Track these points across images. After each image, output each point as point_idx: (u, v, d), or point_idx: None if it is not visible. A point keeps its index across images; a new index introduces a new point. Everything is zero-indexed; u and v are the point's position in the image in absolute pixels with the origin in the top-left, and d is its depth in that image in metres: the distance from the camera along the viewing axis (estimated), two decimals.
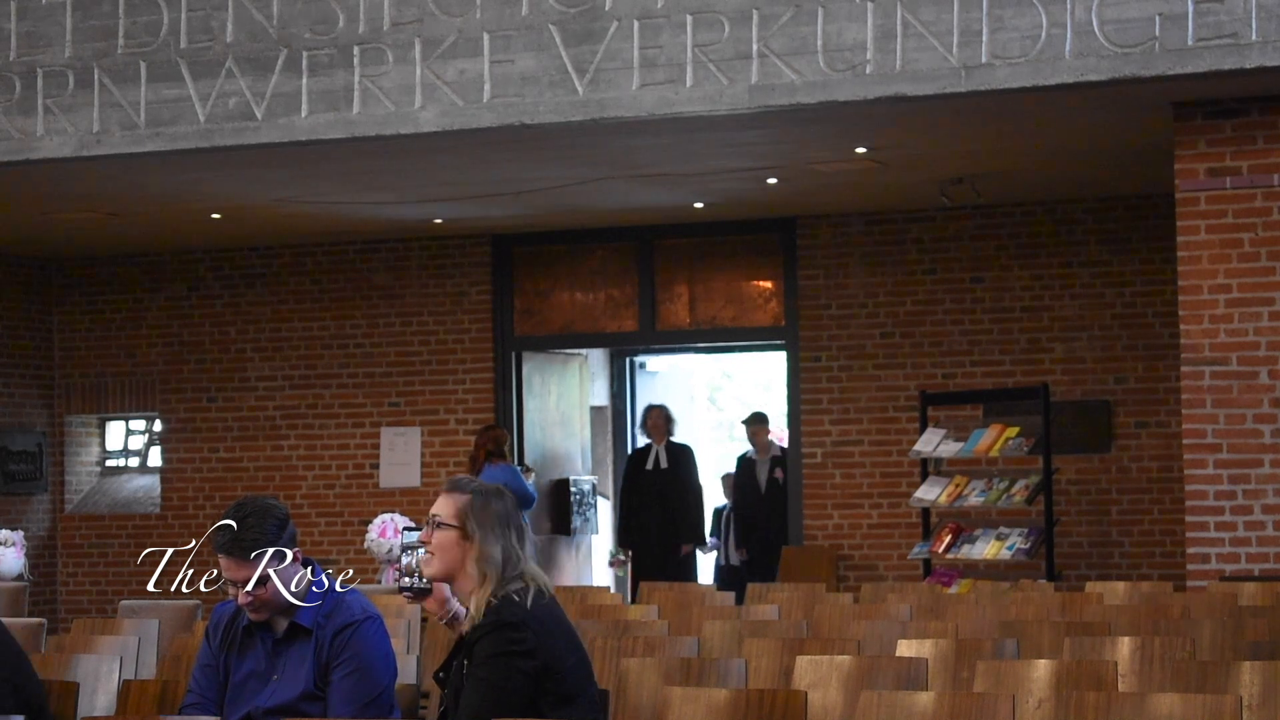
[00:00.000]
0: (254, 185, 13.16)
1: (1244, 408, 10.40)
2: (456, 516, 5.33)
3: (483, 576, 5.28)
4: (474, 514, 5.32)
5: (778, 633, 7.99)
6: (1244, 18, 9.60)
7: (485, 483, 5.48)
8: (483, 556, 5.28)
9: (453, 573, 5.34)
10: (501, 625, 5.20)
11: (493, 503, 5.37)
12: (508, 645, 5.17)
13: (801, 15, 10.30)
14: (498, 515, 5.35)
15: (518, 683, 5.17)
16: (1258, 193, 10.41)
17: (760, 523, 15.40)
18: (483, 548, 5.29)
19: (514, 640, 5.18)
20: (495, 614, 5.22)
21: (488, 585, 5.27)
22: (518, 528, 5.37)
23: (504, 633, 5.19)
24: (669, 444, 15.55)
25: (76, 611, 16.34)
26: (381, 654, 5.53)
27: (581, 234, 15.67)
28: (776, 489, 15.38)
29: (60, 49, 11.60)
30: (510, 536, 5.33)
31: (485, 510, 5.34)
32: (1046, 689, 6.06)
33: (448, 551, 5.33)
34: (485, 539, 5.30)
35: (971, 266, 14.70)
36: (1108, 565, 14.13)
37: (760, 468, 15.56)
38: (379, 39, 11.04)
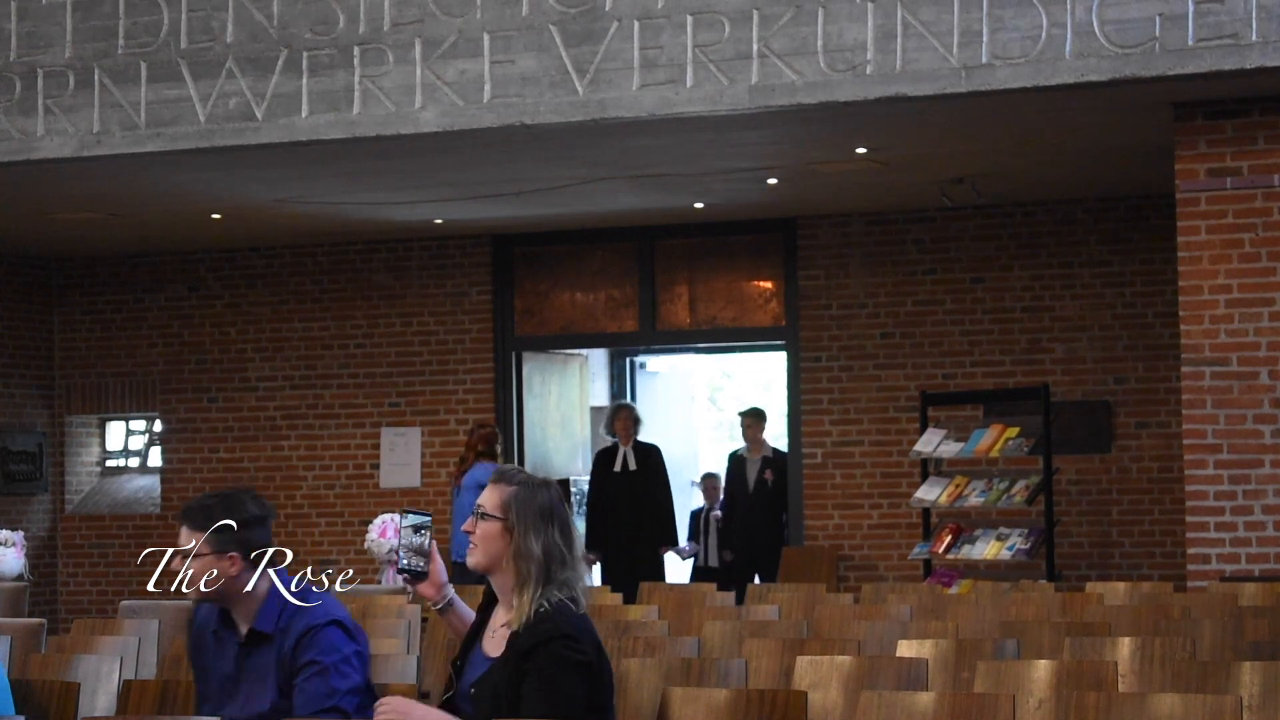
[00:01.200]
0: (254, 185, 13.17)
1: (1244, 408, 10.40)
2: (501, 508, 5.24)
3: (523, 574, 5.18)
4: (517, 506, 5.22)
5: (778, 633, 7.99)
6: (1244, 18, 9.60)
7: (533, 475, 5.36)
8: (521, 552, 5.19)
9: (495, 565, 5.25)
10: (562, 636, 5.11)
11: (538, 496, 5.26)
12: (572, 655, 5.09)
13: (802, 15, 10.30)
14: (541, 510, 5.24)
15: (580, 692, 5.10)
16: (1258, 193, 10.41)
17: (747, 523, 15.20)
18: (522, 542, 5.19)
19: (576, 650, 5.10)
20: (552, 622, 5.12)
21: (531, 585, 5.17)
22: (562, 523, 5.25)
23: (565, 643, 5.10)
24: (636, 444, 15.18)
25: (77, 612, 16.35)
26: (343, 656, 5.39)
27: (582, 234, 15.67)
28: (764, 490, 15.19)
29: (61, 49, 11.60)
30: (553, 533, 5.22)
31: (529, 503, 5.23)
32: (1047, 689, 6.06)
33: (491, 543, 5.23)
34: (525, 534, 5.20)
35: (972, 267, 14.70)
36: (1108, 565, 14.13)
37: (750, 467, 15.32)
38: (379, 39, 11.05)
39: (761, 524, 15.04)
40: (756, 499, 15.17)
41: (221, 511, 5.46)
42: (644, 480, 15.04)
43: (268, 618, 5.45)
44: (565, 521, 5.28)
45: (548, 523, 5.23)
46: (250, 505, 5.53)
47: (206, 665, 5.59)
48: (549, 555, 5.20)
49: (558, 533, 5.24)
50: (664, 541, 15.08)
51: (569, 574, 5.23)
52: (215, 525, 5.42)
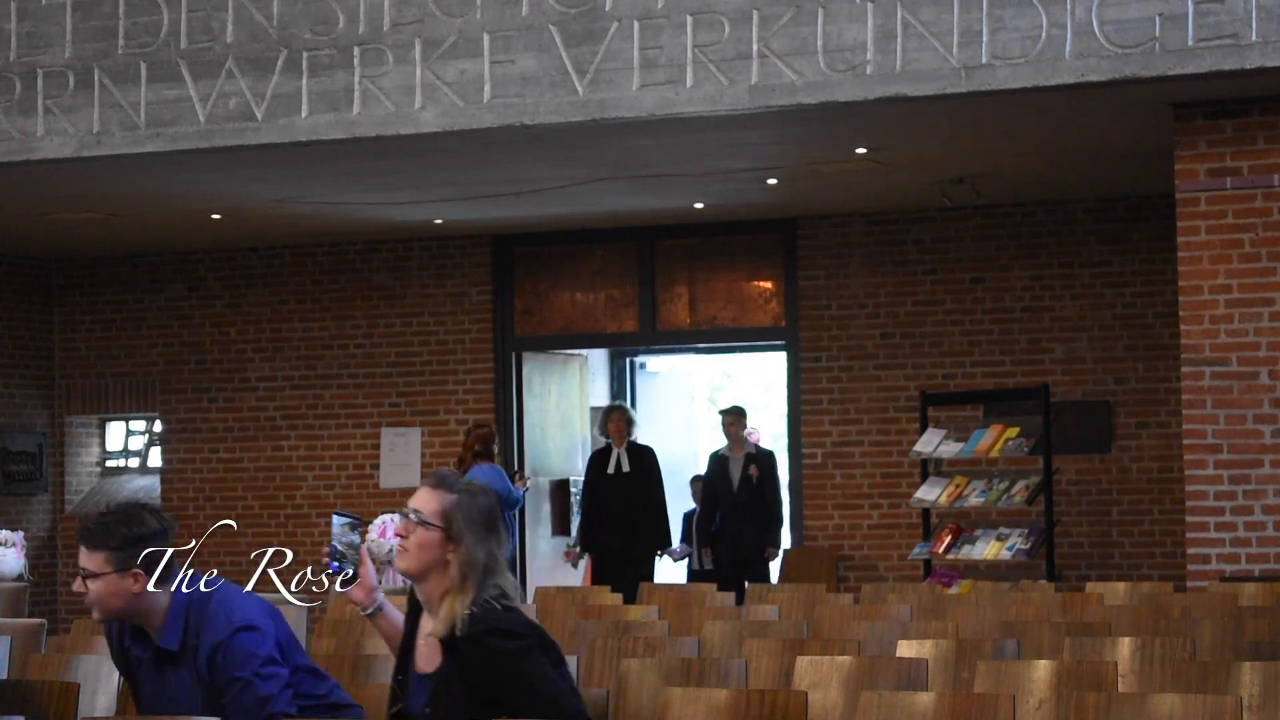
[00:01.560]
0: (254, 186, 13.16)
1: (1244, 408, 10.40)
2: (441, 517, 5.14)
3: (463, 580, 5.09)
4: (461, 516, 5.13)
5: (778, 633, 7.99)
6: (1244, 18, 9.60)
7: (472, 481, 5.28)
8: (467, 561, 5.09)
9: (426, 572, 5.14)
10: (497, 632, 5.05)
11: (480, 503, 5.18)
12: (517, 647, 5.05)
13: (802, 15, 10.30)
14: (484, 517, 5.16)
15: (549, 673, 5.06)
16: (1258, 193, 10.41)
17: (732, 523, 14.99)
18: (468, 552, 5.09)
19: (518, 639, 5.05)
20: (483, 623, 5.05)
21: (469, 591, 5.08)
22: (498, 531, 5.18)
23: (501, 640, 5.04)
24: (630, 446, 15.01)
25: (77, 612, 16.33)
26: (262, 660, 5.24)
27: (582, 234, 15.67)
28: (750, 487, 15.03)
29: (60, 49, 11.59)
30: (492, 541, 5.14)
31: (472, 512, 5.15)
32: (1047, 689, 6.06)
33: (427, 551, 5.13)
34: (471, 543, 5.10)
35: (972, 267, 14.70)
36: (1108, 565, 14.13)
37: (734, 465, 15.12)
38: (379, 39, 11.04)
39: (749, 521, 14.90)
40: (742, 496, 15.01)
41: (121, 528, 5.29)
42: (638, 482, 14.89)
43: (172, 633, 5.30)
44: (500, 530, 5.21)
45: (489, 531, 5.16)
46: (149, 519, 5.34)
47: (134, 683, 5.50)
48: (489, 564, 5.12)
49: (495, 541, 5.16)
50: (657, 544, 14.94)
51: (499, 579, 5.15)
52: (115, 543, 5.26)
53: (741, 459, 15.09)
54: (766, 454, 15.39)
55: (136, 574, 5.27)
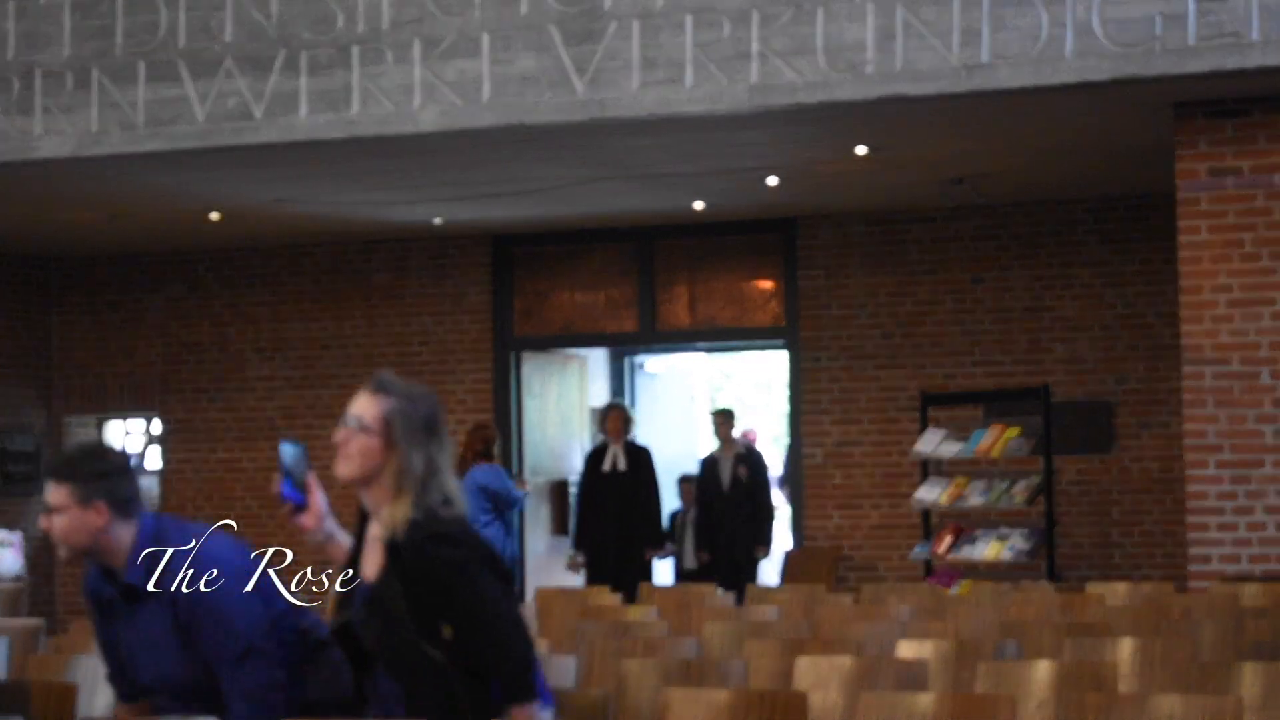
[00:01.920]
0: (253, 185, 13.15)
1: (1245, 408, 10.39)
2: (380, 422, 5.03)
3: (398, 488, 5.00)
4: (399, 420, 5.01)
5: (778, 633, 7.98)
6: (1245, 18, 9.59)
7: (414, 385, 5.15)
8: (403, 468, 4.99)
9: (369, 478, 5.06)
10: (437, 537, 4.93)
11: (420, 408, 5.06)
12: (456, 555, 4.92)
13: (802, 15, 10.28)
14: (424, 422, 5.03)
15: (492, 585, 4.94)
16: (1259, 193, 10.40)
17: (724, 523, 14.83)
18: (405, 457, 4.99)
19: (458, 546, 4.93)
20: (423, 529, 4.94)
21: (405, 497, 4.98)
22: (440, 436, 5.06)
23: (440, 546, 4.92)
24: (627, 445, 14.79)
25: (75, 612, 16.32)
26: (235, 600, 5.24)
27: (581, 234, 15.66)
28: (740, 487, 14.89)
29: (59, 49, 11.58)
30: (433, 446, 5.02)
31: (412, 417, 5.03)
32: (1047, 690, 6.05)
33: (368, 458, 5.04)
34: (410, 447, 4.99)
35: (972, 267, 14.69)
36: (1109, 566, 14.11)
37: (724, 465, 14.98)
38: (378, 39, 11.03)
39: (740, 521, 14.78)
40: (733, 496, 14.89)
41: (84, 463, 5.33)
42: (633, 481, 14.73)
43: (136, 569, 5.30)
44: (443, 436, 5.09)
45: (430, 436, 5.04)
46: (113, 455, 5.42)
47: (110, 634, 5.45)
48: (429, 468, 5.01)
49: (436, 446, 5.04)
50: (651, 542, 14.81)
51: (442, 479, 5.02)
52: (78, 477, 5.29)
53: (731, 459, 14.99)
54: (757, 454, 15.34)
55: (99, 507, 5.28)
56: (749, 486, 14.92)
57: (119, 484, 5.33)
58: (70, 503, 5.28)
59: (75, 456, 5.37)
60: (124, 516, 5.32)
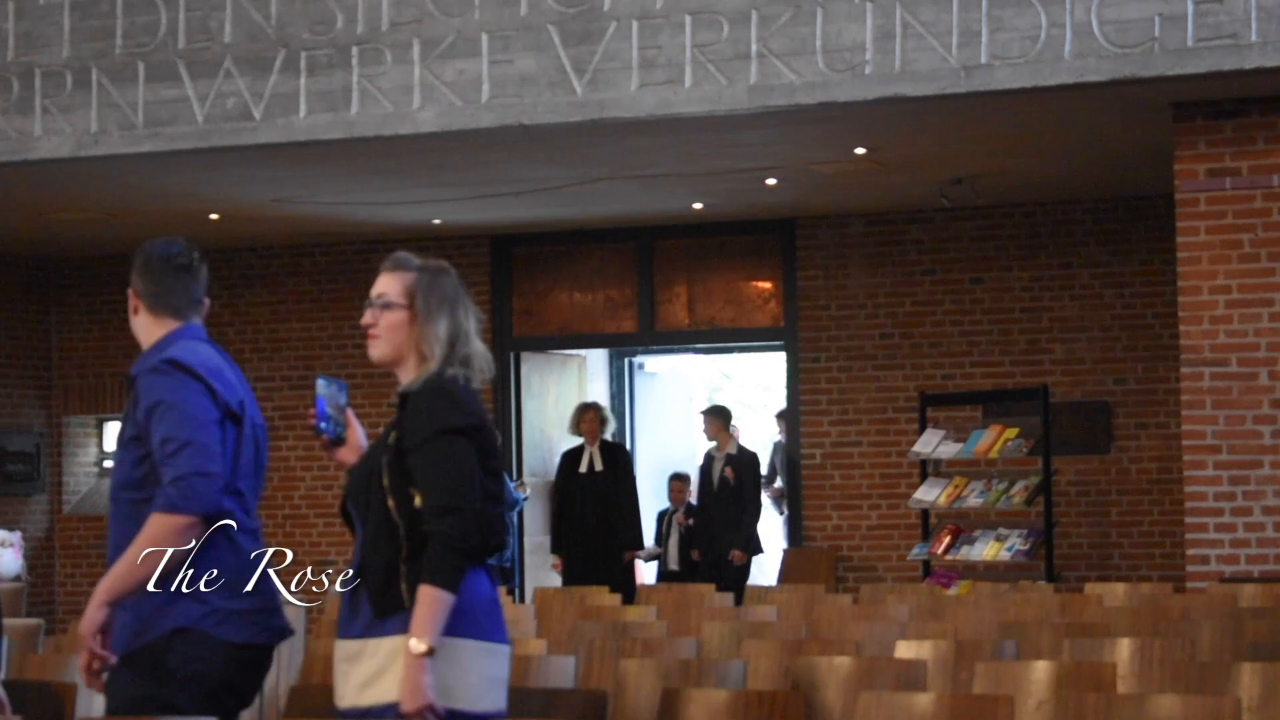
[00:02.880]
0: (252, 186, 13.15)
1: (1244, 409, 10.39)
2: (405, 294, 5.03)
3: (427, 356, 4.97)
4: (422, 291, 5.03)
5: (777, 634, 7.98)
6: (1244, 18, 9.59)
7: (428, 259, 5.19)
8: (428, 335, 4.97)
9: (401, 356, 5.02)
10: (440, 393, 4.88)
11: (441, 279, 5.09)
12: (448, 418, 4.85)
13: (801, 15, 10.29)
14: (446, 292, 5.06)
15: (463, 452, 4.84)
16: (1258, 193, 10.40)
17: (710, 523, 14.68)
18: (429, 326, 4.98)
19: (454, 411, 4.86)
20: (432, 383, 4.91)
21: (429, 365, 4.96)
22: (464, 303, 5.07)
23: (437, 402, 4.88)
24: (603, 444, 14.63)
25: (74, 612, 16.33)
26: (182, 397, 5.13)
27: (580, 235, 15.66)
28: (726, 488, 14.67)
29: (58, 49, 11.58)
30: (458, 312, 5.03)
31: (433, 287, 5.06)
32: (1046, 690, 6.05)
33: (396, 332, 5.02)
34: (432, 317, 4.99)
35: (971, 267, 14.69)
36: (1107, 566, 14.12)
37: (715, 465, 14.83)
38: (377, 39, 11.03)
39: (724, 523, 14.59)
40: (719, 497, 14.70)
41: (142, 251, 5.46)
42: (611, 481, 14.52)
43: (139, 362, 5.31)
44: (467, 304, 5.09)
45: (453, 304, 5.04)
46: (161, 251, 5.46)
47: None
48: (454, 337, 4.99)
49: (462, 313, 5.04)
50: (629, 545, 14.57)
51: (469, 352, 5.00)
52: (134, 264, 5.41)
53: (722, 459, 14.82)
54: (748, 455, 15.12)
55: (131, 294, 5.43)
56: (735, 489, 14.73)
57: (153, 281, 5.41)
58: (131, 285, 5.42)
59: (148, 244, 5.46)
60: (154, 314, 5.41)
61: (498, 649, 4.85)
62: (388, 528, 4.86)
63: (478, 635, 4.80)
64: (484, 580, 4.87)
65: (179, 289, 5.47)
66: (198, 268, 5.53)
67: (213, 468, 5.06)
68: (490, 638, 4.83)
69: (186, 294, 5.49)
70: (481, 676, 4.81)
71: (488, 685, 4.82)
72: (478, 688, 4.80)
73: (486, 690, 4.82)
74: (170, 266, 5.46)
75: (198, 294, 5.53)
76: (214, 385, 5.23)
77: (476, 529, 4.77)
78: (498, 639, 4.86)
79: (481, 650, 4.80)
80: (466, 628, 4.78)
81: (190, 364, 5.24)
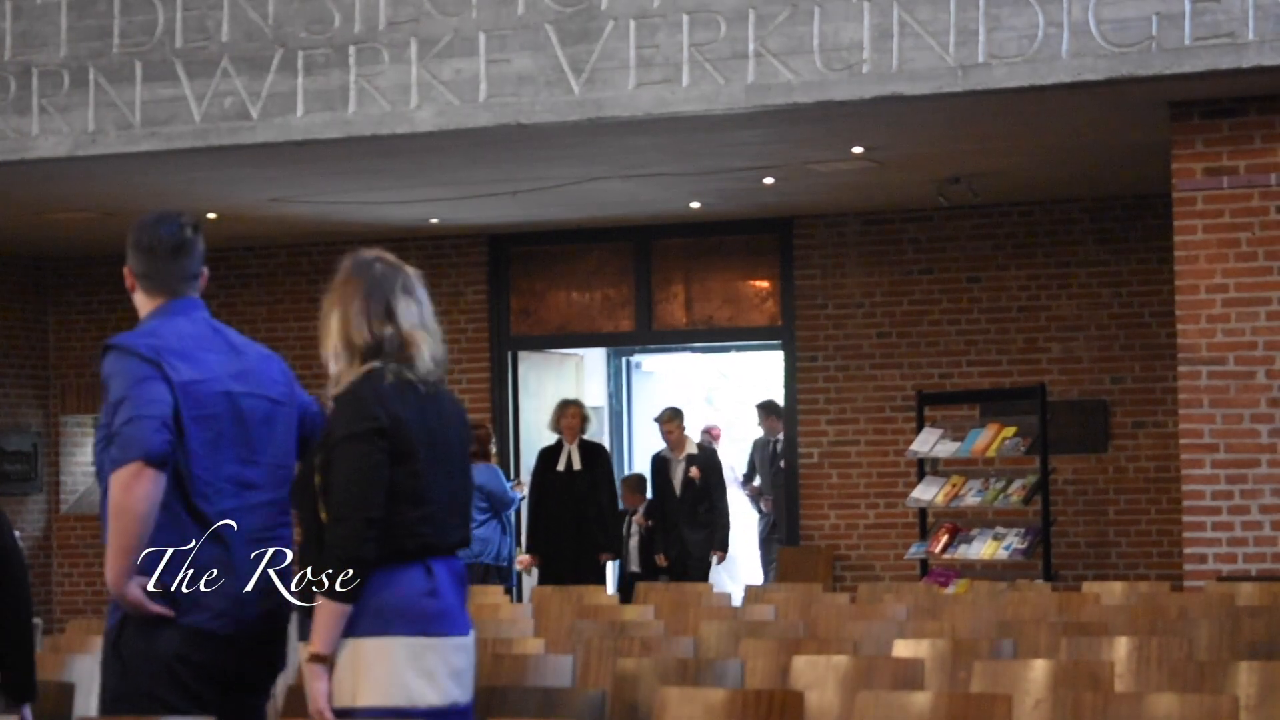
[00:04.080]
0: (249, 185, 13.15)
1: (1241, 407, 10.39)
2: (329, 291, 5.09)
3: (341, 355, 4.99)
4: (326, 295, 5.06)
5: (774, 633, 7.98)
6: (1241, 17, 9.59)
7: (361, 253, 5.17)
8: (322, 339, 5.01)
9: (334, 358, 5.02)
10: (346, 396, 4.88)
11: (342, 275, 5.10)
12: (350, 425, 4.83)
13: (798, 15, 10.29)
14: (339, 288, 5.07)
15: (380, 461, 4.82)
16: (1255, 192, 10.40)
17: (677, 526, 14.31)
18: (322, 328, 5.03)
19: (366, 416, 4.84)
20: (349, 386, 4.91)
21: (353, 364, 4.96)
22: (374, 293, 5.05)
23: (347, 408, 4.86)
24: (583, 443, 14.09)
25: (72, 612, 16.33)
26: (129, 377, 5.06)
27: (578, 234, 15.66)
28: (692, 490, 14.38)
29: (55, 48, 11.58)
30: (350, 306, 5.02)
31: (331, 287, 5.07)
32: (1043, 689, 6.05)
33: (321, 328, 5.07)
34: (325, 320, 5.03)
35: (968, 266, 14.70)
36: (1105, 565, 14.12)
37: (675, 467, 14.49)
38: (375, 38, 11.03)
39: (691, 525, 14.34)
40: (684, 499, 14.38)
41: (133, 228, 5.46)
42: (588, 482, 14.00)
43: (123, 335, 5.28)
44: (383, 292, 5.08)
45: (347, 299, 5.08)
46: (151, 231, 5.45)
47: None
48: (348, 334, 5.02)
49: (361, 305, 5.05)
50: (605, 548, 14.10)
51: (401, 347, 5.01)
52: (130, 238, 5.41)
53: (683, 461, 14.49)
54: (710, 454, 14.92)
55: (128, 271, 5.41)
56: (702, 489, 14.47)
57: (144, 262, 5.40)
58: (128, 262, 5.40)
59: (141, 220, 5.48)
60: (146, 292, 5.40)
61: (431, 643, 4.86)
62: (317, 529, 4.89)
63: (403, 632, 4.82)
64: (415, 576, 4.87)
65: (172, 270, 5.46)
66: (192, 243, 5.50)
67: (142, 411, 4.99)
68: (424, 632, 4.85)
69: (181, 272, 5.47)
70: (398, 672, 4.81)
71: (416, 679, 4.83)
72: (392, 683, 4.81)
73: (413, 684, 4.82)
74: (163, 248, 5.45)
75: (193, 269, 5.49)
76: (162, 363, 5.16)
77: (360, 539, 4.78)
78: (434, 632, 4.87)
79: (400, 646, 4.82)
80: (380, 626, 4.81)
81: (132, 346, 5.17)
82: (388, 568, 4.83)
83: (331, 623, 4.80)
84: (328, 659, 4.81)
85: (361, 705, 4.80)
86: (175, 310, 5.34)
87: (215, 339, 5.36)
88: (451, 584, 4.95)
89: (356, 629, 4.82)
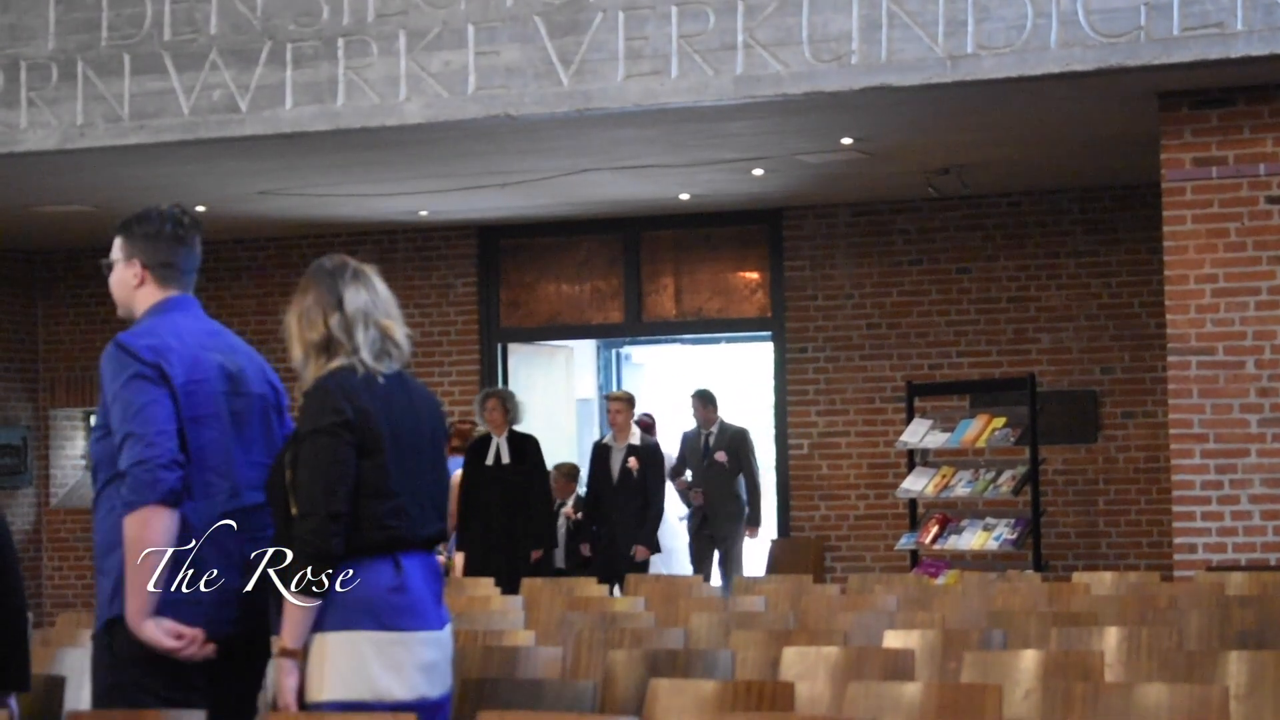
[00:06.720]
0: (238, 178, 13.14)
1: (1230, 397, 10.40)
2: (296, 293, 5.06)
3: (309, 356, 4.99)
4: (300, 291, 5.04)
5: (764, 624, 7.98)
6: (1230, 7, 9.59)
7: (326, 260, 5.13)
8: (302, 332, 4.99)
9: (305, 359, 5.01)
10: (312, 391, 4.89)
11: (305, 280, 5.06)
12: (315, 420, 4.84)
13: (787, 6, 10.28)
14: (302, 293, 5.04)
15: (346, 455, 4.83)
16: (1244, 182, 10.41)
17: (610, 518, 13.68)
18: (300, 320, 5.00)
19: (331, 409, 4.83)
20: (315, 382, 4.92)
21: (318, 361, 4.96)
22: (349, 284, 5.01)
23: (312, 404, 4.86)
24: (511, 435, 13.16)
25: (62, 605, 16.31)
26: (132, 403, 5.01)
27: (567, 225, 15.66)
28: (629, 480, 13.68)
29: (44, 41, 11.56)
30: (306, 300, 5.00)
31: (302, 289, 5.04)
32: (1034, 679, 6.05)
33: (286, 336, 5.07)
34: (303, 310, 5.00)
35: (958, 257, 14.71)
36: (1095, 555, 14.14)
37: (615, 455, 13.77)
38: (363, 31, 11.02)
39: (626, 518, 13.62)
40: (621, 490, 13.70)
41: (135, 221, 5.38)
42: (519, 475, 13.13)
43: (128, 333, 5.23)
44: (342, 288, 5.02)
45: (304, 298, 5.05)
46: (164, 220, 5.39)
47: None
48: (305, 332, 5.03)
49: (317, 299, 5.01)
50: (538, 544, 13.15)
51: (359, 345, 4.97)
52: (129, 231, 5.35)
53: (624, 449, 13.78)
54: (653, 447, 14.09)
55: (133, 264, 5.33)
56: (639, 481, 13.73)
57: (157, 248, 5.34)
58: (119, 255, 5.35)
59: (135, 214, 5.41)
60: (160, 282, 5.35)
61: (399, 637, 4.86)
62: (288, 524, 4.91)
63: (369, 626, 4.84)
64: (383, 570, 4.88)
65: (190, 260, 5.43)
66: (198, 236, 5.47)
67: (148, 454, 4.97)
68: (392, 627, 4.86)
69: (196, 262, 5.45)
70: (364, 666, 4.83)
71: (382, 673, 4.84)
72: (358, 677, 4.82)
73: (379, 679, 4.84)
74: (188, 236, 5.43)
75: (199, 261, 5.47)
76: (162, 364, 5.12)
77: (325, 534, 4.80)
78: (402, 626, 4.87)
79: (365, 640, 4.84)
80: (346, 620, 4.83)
81: (134, 346, 5.14)
82: (355, 561, 4.85)
83: (299, 617, 4.83)
84: (297, 654, 4.84)
85: (327, 699, 4.81)
86: (175, 307, 5.33)
87: (215, 339, 5.34)
88: (423, 578, 4.94)
89: (323, 623, 4.84)
